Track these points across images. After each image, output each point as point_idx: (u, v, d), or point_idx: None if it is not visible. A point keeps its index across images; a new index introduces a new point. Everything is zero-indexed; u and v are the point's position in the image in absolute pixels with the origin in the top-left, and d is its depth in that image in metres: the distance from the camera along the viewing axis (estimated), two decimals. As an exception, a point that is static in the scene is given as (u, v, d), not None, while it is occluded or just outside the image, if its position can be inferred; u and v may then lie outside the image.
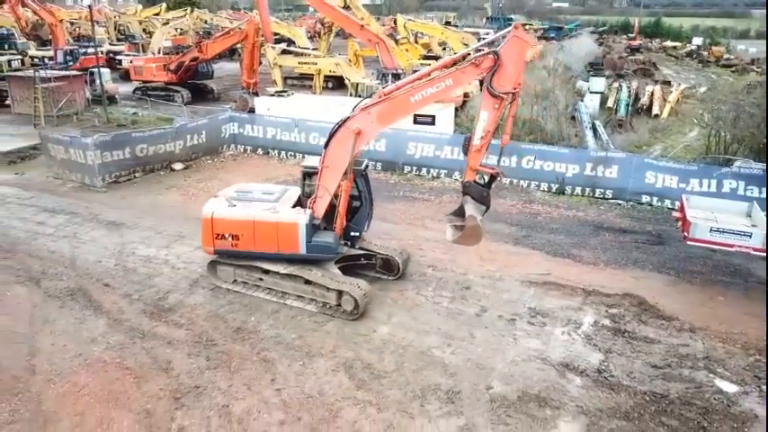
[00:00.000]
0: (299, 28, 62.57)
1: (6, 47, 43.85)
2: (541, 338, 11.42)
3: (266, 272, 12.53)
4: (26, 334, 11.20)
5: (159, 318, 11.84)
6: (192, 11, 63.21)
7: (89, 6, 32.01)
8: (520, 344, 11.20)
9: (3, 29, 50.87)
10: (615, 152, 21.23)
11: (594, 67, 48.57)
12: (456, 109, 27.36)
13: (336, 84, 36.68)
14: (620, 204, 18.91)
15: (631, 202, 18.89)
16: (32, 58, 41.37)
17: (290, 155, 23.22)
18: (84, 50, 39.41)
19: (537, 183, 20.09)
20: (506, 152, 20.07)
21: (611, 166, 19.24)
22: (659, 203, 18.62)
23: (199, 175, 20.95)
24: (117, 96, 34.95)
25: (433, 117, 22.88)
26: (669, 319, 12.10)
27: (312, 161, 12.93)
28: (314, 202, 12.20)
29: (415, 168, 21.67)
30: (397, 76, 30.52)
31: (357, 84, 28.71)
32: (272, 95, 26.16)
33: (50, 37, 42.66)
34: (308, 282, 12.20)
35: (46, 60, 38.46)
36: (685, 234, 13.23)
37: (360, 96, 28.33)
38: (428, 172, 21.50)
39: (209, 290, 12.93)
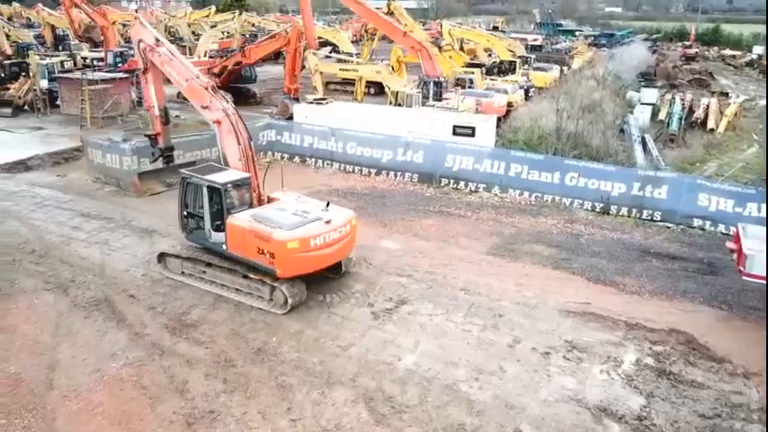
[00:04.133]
0: (344, 32, 62.74)
1: (61, 48, 45.22)
2: (577, 376, 10.65)
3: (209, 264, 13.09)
4: (49, 345, 11.12)
5: (180, 334, 11.60)
6: (239, 14, 64.03)
7: (136, 9, 32.53)
8: (554, 381, 10.48)
9: (59, 30, 52.68)
10: (665, 171, 20.10)
11: (646, 77, 46.86)
12: (498, 119, 26.53)
13: (378, 89, 36.27)
14: (669, 228, 17.83)
15: (681, 226, 17.78)
16: (84, 59, 42.48)
17: (327, 164, 22.92)
18: (132, 53, 40.10)
19: (580, 201, 19.17)
20: (549, 167, 19.47)
21: (661, 186, 18.17)
22: (712, 228, 17.47)
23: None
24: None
25: (473, 128, 22.19)
26: (720, 362, 11.14)
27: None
28: None
29: (452, 181, 21.03)
30: (438, 84, 30.00)
31: (397, 92, 28.23)
32: (311, 103, 25.93)
33: (102, 39, 43.67)
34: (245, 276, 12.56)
35: (95, 62, 39.35)
36: (741, 268, 12.21)
37: (399, 105, 27.88)
38: (466, 185, 20.82)
39: (234, 305, 12.64)
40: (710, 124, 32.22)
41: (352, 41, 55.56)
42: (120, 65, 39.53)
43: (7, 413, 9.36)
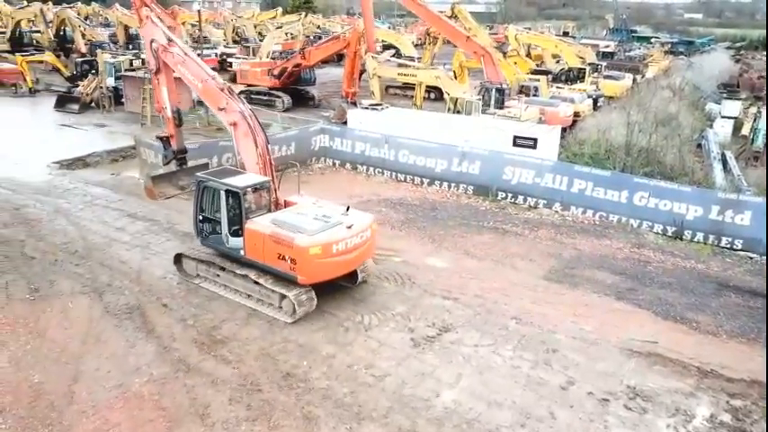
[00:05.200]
0: (408, 35, 62.04)
1: (131, 47, 46.56)
2: (640, 431, 9.36)
3: (223, 269, 12.83)
4: (76, 354, 10.77)
5: (209, 350, 11.03)
6: (305, 15, 64.46)
7: (199, 11, 32.89)
8: (611, 435, 9.24)
9: (132, 29, 54.34)
10: (748, 194, 18.14)
11: (728, 88, 43.71)
12: (563, 130, 25.03)
13: (438, 94, 35.21)
14: (751, 258, 16.01)
15: (766, 258, 15.93)
16: (152, 58, 43.48)
17: (378, 171, 22.12)
18: (198, 52, 40.73)
19: (650, 224, 17.55)
20: (616, 184, 17.96)
21: (743, 211, 16.35)
22: (803, 261, 15.56)
23: (282, 187, 20.25)
24: (222, 99, 35.69)
25: (535, 140, 20.86)
26: (812, 425, 9.58)
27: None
28: None
29: (510, 195, 19.78)
30: (501, 91, 28.71)
31: (456, 99, 27.14)
32: (366, 108, 25.22)
33: (170, 39, 44.64)
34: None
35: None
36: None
37: (458, 112, 26.78)
38: (525, 200, 19.54)
39: (267, 322, 11.99)
40: (800, 142, 29.37)
41: (415, 45, 54.81)
42: (185, 64, 40.17)
43: (23, 428, 8.99)
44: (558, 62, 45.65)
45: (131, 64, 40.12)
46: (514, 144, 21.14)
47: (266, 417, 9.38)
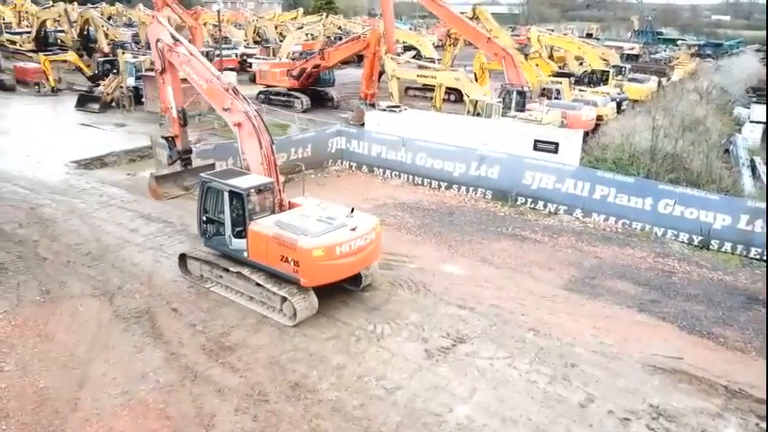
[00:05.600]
0: (430, 35, 61.64)
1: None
2: (663, 454, 8.90)
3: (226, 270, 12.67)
4: (83, 359, 10.61)
5: (217, 357, 10.79)
6: (326, 16, 64.38)
7: (218, 11, 32.93)
8: (633, 458, 8.79)
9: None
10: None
11: (758, 92, 42.40)
12: (585, 134, 24.45)
13: (458, 96, 34.75)
14: (782, 270, 15.36)
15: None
16: (173, 58, 43.72)
17: (395, 175, 21.78)
18: (218, 53, 40.84)
19: (675, 232, 16.95)
20: (640, 191, 17.40)
21: (774, 221, 15.71)
22: (837, 274, 14.86)
23: (298, 191, 19.99)
24: (241, 99, 35.70)
25: (557, 144, 20.34)
26: None
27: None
28: None
29: (530, 201, 19.30)
30: (522, 94, 28.19)
31: (476, 101, 26.67)
32: (383, 110, 24.90)
33: (190, 39, 44.81)
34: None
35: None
36: None
37: (478, 115, 26.33)
38: (545, 206, 19.04)
39: (277, 329, 11.73)
40: (834, 148, 28.40)
41: (436, 46, 54.37)
42: (205, 65, 40.30)
43: (26, 434, 8.84)
44: (580, 64, 44.85)
45: (152, 64, 40.31)
46: (535, 148, 20.64)
47: (273, 429, 9.10)
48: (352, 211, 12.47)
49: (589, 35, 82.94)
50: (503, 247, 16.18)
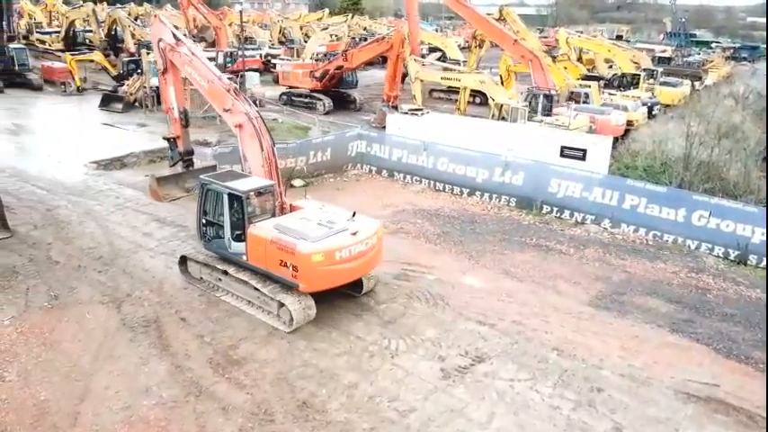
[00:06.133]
0: (456, 37, 60.96)
1: (178, 47, 46.95)
2: (697, 494, 8.18)
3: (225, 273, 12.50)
4: (86, 371, 10.26)
5: (224, 372, 10.35)
6: (352, 17, 64.07)
7: (240, 11, 32.76)
8: (664, 498, 8.09)
9: (182, 30, 55.09)
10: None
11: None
12: (615, 140, 23.53)
13: (483, 99, 33.99)
14: (827, 289, 14.39)
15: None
16: (198, 58, 43.74)
17: (416, 180, 21.21)
18: (241, 53, 40.72)
19: (710, 246, 16.08)
20: (672, 201, 16.56)
21: (818, 236, 14.77)
22: None
23: (316, 195, 19.51)
24: (263, 101, 35.48)
25: (584, 151, 19.55)
26: None
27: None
28: None
29: (555, 209, 18.56)
30: (549, 98, 27.38)
31: (501, 104, 25.93)
32: (405, 113, 24.33)
33: (215, 39, 44.87)
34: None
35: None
36: None
37: (503, 119, 25.60)
38: (571, 215, 18.28)
39: (287, 342, 11.26)
40: None
41: (462, 48, 53.64)
42: (229, 65, 40.26)
43: (22, 451, 8.50)
44: (610, 67, 43.75)
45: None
46: (562, 154, 19.88)
47: (277, 452, 8.62)
48: (354, 214, 12.17)
49: (619, 37, 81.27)
50: (526, 259, 15.49)
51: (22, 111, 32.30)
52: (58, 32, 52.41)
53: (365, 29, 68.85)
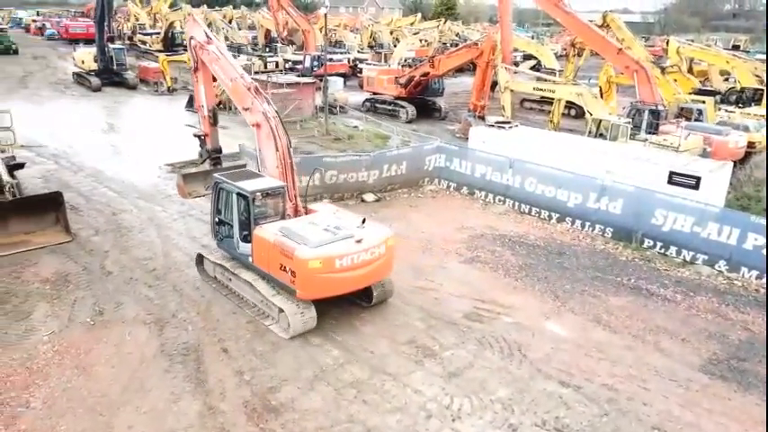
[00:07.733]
0: (552, 44, 57.85)
1: (268, 50, 47.42)
2: None
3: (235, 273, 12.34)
4: (113, 403, 9.33)
5: (258, 420, 9.08)
6: (444, 22, 62.50)
7: (325, 15, 32.05)
8: None
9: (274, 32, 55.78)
10: None
11: None
12: (734, 165, 20.45)
13: (579, 111, 31.31)
14: None
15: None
16: (286, 61, 43.86)
17: (499, 200, 19.29)
18: (327, 57, 40.28)
19: None
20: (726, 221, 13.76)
21: None
22: None
23: (387, 212, 18.17)
24: (346, 106, 34.67)
25: (698, 179, 16.89)
26: None
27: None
28: None
29: (659, 244, 16.08)
30: (655, 114, 24.51)
31: (600, 120, 23.38)
32: (491, 126, 22.40)
33: (303, 42, 44.80)
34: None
35: (286, 65, 40.43)
36: None
37: (601, 136, 23.07)
38: (678, 253, 15.75)
39: (335, 390, 9.84)
40: None
41: (558, 56, 50.70)
42: (315, 69, 39.92)
43: (25, 499, 7.57)
44: (726, 80, 39.48)
45: (265, 66, 40.52)
46: (669, 181, 17.30)
47: None
48: (364, 221, 11.77)
49: (736, 47, 74.43)
50: (622, 304, 13.26)
51: (116, 110, 33.31)
52: (158, 33, 54.47)
53: (457, 34, 67.04)
